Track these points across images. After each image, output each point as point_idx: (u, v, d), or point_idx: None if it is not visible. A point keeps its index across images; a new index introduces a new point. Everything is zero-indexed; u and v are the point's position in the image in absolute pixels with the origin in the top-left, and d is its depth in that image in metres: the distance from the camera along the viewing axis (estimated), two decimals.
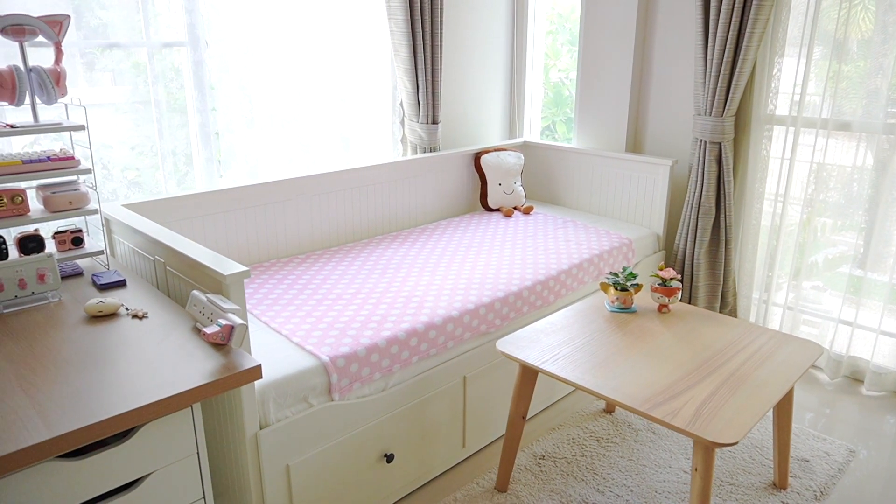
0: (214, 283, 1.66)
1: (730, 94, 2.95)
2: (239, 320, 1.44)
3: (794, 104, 2.92)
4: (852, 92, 2.79)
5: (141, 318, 1.64)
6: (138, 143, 2.52)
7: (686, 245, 3.23)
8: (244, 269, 1.61)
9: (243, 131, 2.81)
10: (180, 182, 2.67)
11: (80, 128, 1.84)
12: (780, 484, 2.23)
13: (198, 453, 1.41)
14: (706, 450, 1.68)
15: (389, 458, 2.07)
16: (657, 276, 2.32)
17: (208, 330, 1.41)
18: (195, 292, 1.59)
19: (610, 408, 2.70)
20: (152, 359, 1.43)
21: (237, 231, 2.62)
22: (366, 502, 2.07)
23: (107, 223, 2.21)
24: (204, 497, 1.45)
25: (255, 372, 1.41)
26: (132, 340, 1.52)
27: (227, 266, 1.63)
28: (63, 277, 1.94)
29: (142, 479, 1.35)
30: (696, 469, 1.70)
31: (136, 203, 2.30)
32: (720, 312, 3.27)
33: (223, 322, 1.43)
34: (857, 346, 2.98)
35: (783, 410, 2.15)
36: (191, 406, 1.37)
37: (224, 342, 1.42)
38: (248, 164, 2.86)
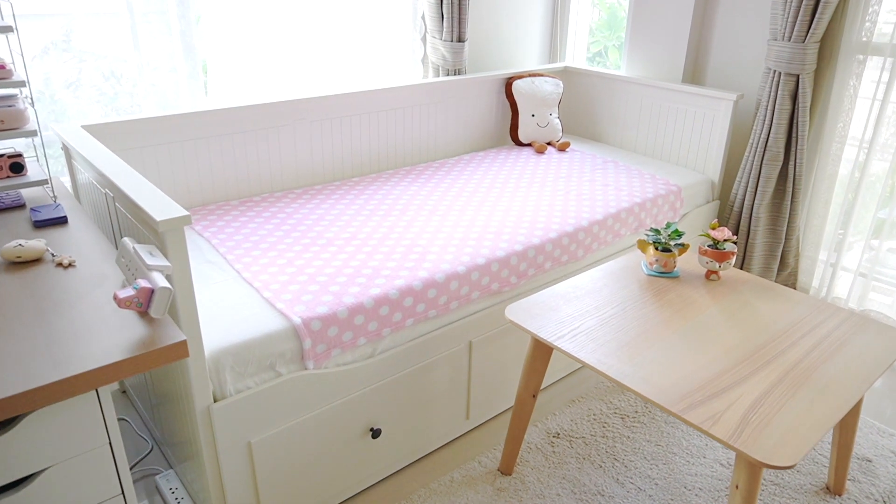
0: (150, 229, 1.36)
1: (816, 15, 2.42)
2: (162, 282, 1.14)
3: None
4: None
5: (66, 266, 1.36)
6: (110, 57, 2.19)
7: (745, 195, 2.78)
8: (184, 213, 1.29)
9: (234, 43, 2.45)
10: (160, 103, 2.34)
11: (9, 29, 1.52)
12: (835, 489, 1.89)
13: (110, 444, 1.14)
14: (752, 468, 1.34)
15: (376, 433, 1.79)
16: (708, 235, 1.93)
17: (121, 294, 1.11)
18: (125, 240, 1.29)
19: None
20: (61, 323, 1.15)
21: (223, 160, 2.30)
22: (345, 482, 1.81)
23: (66, 150, 1.92)
24: (123, 493, 1.19)
25: (180, 349, 1.11)
26: (46, 296, 1.24)
27: (165, 208, 1.32)
28: (2, 210, 1.67)
29: (35, 476, 1.09)
30: (736, 486, 1.37)
31: (99, 124, 1.99)
32: (778, 274, 2.85)
33: (141, 283, 1.12)
34: None
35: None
36: (96, 390, 1.10)
37: (141, 309, 1.13)
38: (239, 83, 2.51)
